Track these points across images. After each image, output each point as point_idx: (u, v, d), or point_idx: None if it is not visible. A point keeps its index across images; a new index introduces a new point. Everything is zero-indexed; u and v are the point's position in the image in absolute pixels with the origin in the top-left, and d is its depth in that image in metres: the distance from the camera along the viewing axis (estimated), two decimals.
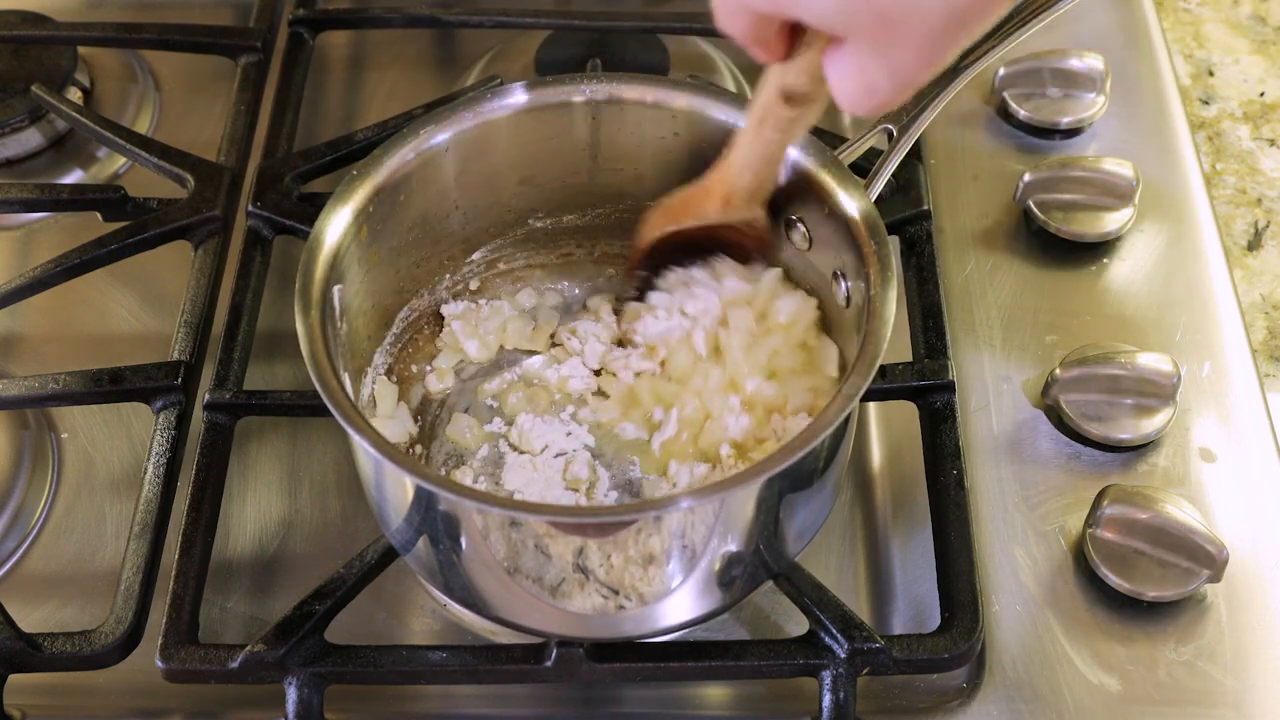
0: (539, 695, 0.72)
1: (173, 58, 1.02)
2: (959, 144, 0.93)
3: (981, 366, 0.83)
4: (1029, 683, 0.71)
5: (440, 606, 0.75)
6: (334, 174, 0.88)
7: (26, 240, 0.94)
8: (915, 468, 0.76)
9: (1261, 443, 0.79)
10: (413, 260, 0.75)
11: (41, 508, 0.80)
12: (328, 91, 1.02)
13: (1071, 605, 0.73)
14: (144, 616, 0.70)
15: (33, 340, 0.88)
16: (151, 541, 0.72)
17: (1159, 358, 0.78)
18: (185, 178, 0.88)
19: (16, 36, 0.99)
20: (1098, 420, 0.78)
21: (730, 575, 0.66)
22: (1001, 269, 0.87)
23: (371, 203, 0.70)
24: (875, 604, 0.75)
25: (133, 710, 0.72)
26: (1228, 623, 0.72)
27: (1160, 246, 0.88)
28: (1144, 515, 0.73)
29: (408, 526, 0.66)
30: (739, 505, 0.63)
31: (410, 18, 0.99)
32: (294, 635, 0.67)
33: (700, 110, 0.72)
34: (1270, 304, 0.91)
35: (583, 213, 0.79)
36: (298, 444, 0.82)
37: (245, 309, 0.81)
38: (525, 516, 0.62)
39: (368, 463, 0.67)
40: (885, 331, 0.62)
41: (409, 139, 0.71)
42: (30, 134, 0.97)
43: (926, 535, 0.74)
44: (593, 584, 0.63)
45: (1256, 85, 1.03)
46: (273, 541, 0.78)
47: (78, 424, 0.83)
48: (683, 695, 0.72)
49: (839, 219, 0.68)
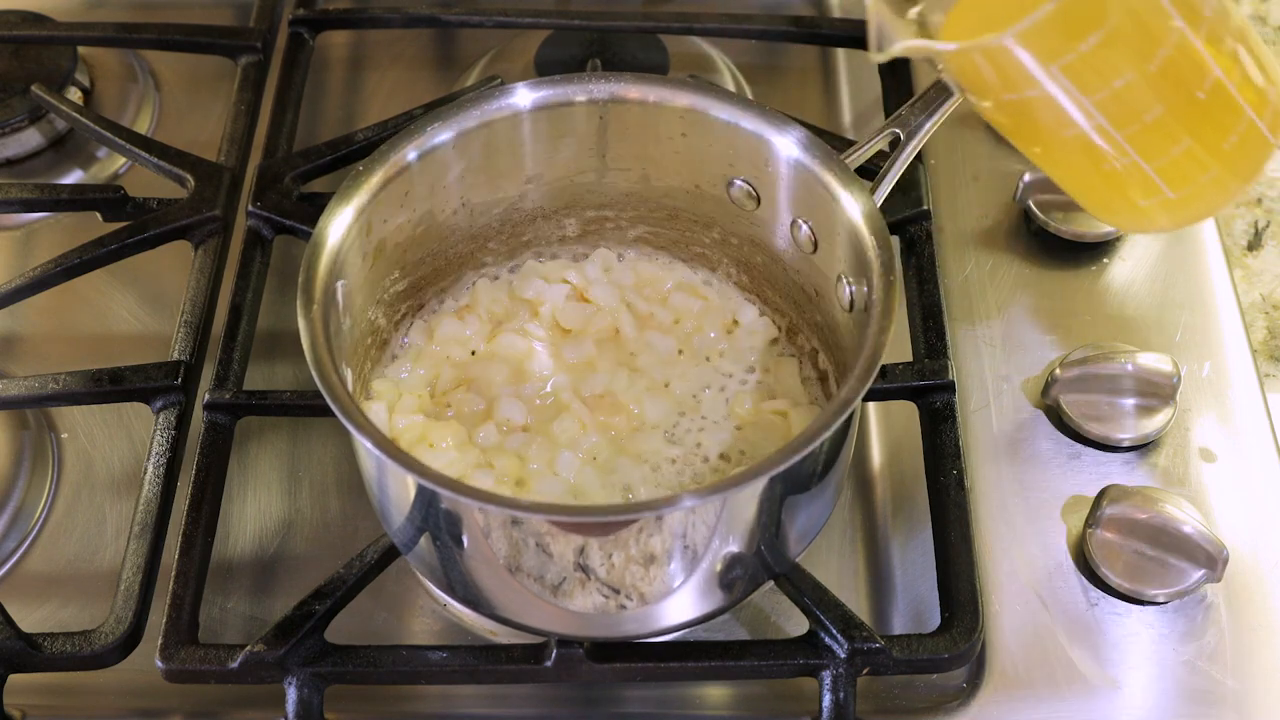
0: (539, 695, 0.72)
1: (173, 58, 1.02)
2: (959, 144, 0.93)
3: (981, 366, 0.83)
4: (1029, 683, 0.71)
5: (440, 606, 0.75)
6: (334, 174, 0.88)
7: (26, 240, 0.94)
8: (915, 468, 0.76)
9: (1261, 443, 0.79)
10: (417, 258, 0.75)
11: (41, 508, 0.80)
12: (328, 91, 1.02)
13: (1071, 605, 0.73)
14: (144, 616, 0.70)
15: (33, 340, 0.88)
16: (151, 541, 0.72)
17: (1159, 358, 0.78)
18: (185, 178, 0.88)
19: (16, 36, 0.99)
20: (1098, 420, 0.78)
21: (731, 576, 0.66)
22: (1001, 269, 0.87)
23: (375, 200, 0.70)
24: (875, 604, 0.75)
25: (133, 710, 0.72)
26: (1228, 623, 0.72)
27: (1160, 246, 0.88)
28: (1144, 515, 0.73)
29: (409, 525, 0.66)
30: (740, 506, 0.63)
31: (410, 18, 0.99)
32: (294, 635, 0.67)
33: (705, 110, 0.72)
34: (1270, 304, 0.91)
35: (591, 212, 0.79)
36: (298, 444, 0.82)
37: (245, 309, 0.81)
38: (526, 515, 0.62)
39: (369, 461, 0.67)
40: (887, 336, 0.62)
41: (414, 136, 0.71)
42: (30, 134, 0.97)
43: (926, 535, 0.74)
44: (594, 583, 0.63)
45: None
46: (273, 541, 0.78)
47: (78, 424, 0.83)
48: (683, 695, 0.72)
49: (844, 222, 0.68)
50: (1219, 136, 0.64)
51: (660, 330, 0.77)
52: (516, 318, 0.77)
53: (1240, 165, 0.66)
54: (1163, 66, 0.61)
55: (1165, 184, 0.66)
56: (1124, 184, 0.67)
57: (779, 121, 0.71)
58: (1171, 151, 0.65)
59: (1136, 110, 0.63)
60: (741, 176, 0.74)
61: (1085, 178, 0.70)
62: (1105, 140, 0.64)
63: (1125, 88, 0.62)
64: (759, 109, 0.71)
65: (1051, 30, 0.59)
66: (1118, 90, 0.62)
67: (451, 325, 0.77)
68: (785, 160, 0.71)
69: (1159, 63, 0.61)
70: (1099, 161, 0.65)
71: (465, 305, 0.78)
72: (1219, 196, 0.68)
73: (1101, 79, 0.61)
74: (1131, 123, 0.63)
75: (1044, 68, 0.61)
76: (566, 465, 0.70)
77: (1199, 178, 0.67)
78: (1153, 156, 0.65)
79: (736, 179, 0.74)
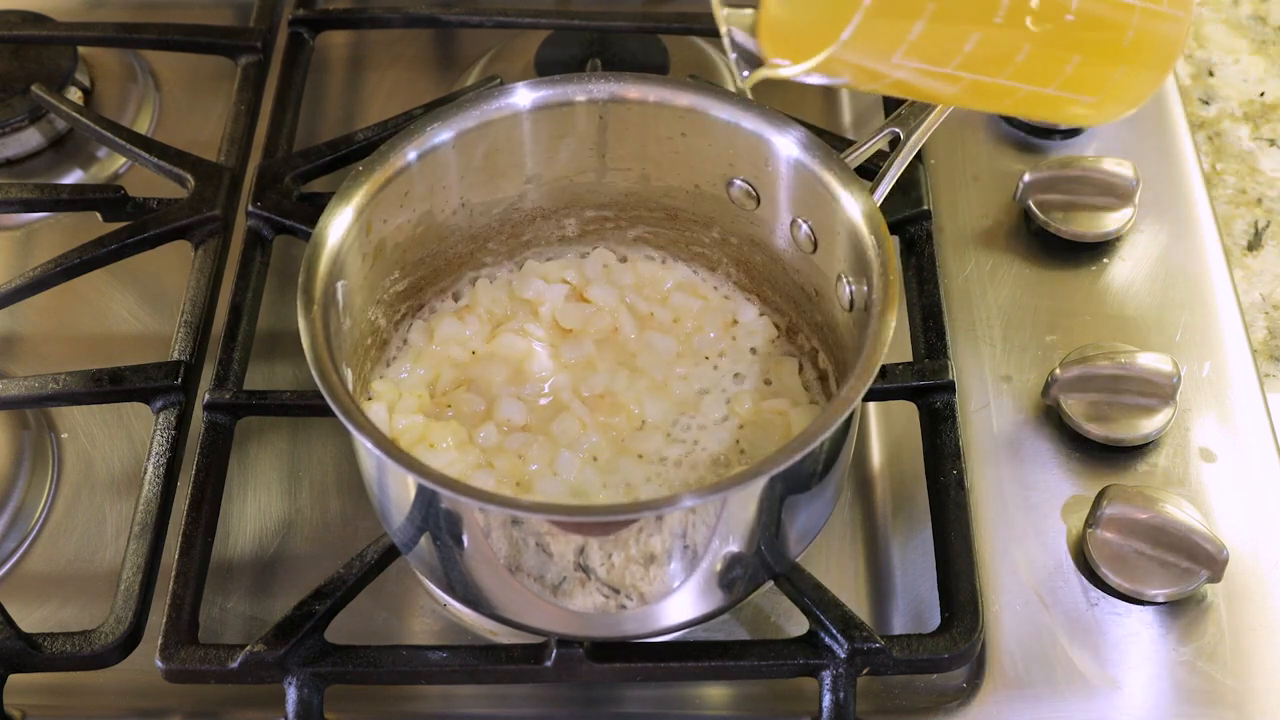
0: (539, 695, 0.72)
1: (173, 58, 1.02)
2: (959, 144, 0.93)
3: (981, 366, 0.83)
4: (1029, 683, 0.71)
5: (440, 606, 0.75)
6: (334, 174, 0.88)
7: (26, 240, 0.94)
8: (915, 468, 0.76)
9: (1261, 443, 0.79)
10: (417, 258, 0.75)
11: (41, 508, 0.80)
12: (328, 91, 1.02)
13: (1071, 605, 0.73)
14: (144, 616, 0.70)
15: (33, 340, 0.88)
16: (151, 541, 0.72)
17: (1159, 358, 0.78)
18: (185, 178, 0.88)
19: (16, 36, 0.99)
20: (1098, 420, 0.78)
21: (731, 576, 0.66)
22: (1001, 269, 0.87)
23: (375, 200, 0.70)
24: (875, 604, 0.75)
25: (133, 710, 0.72)
26: (1228, 623, 0.72)
27: (1160, 246, 0.88)
28: (1144, 515, 0.73)
29: (410, 524, 0.66)
30: (740, 506, 0.63)
31: (410, 18, 1.00)
32: (294, 635, 0.67)
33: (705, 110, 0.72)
34: (1270, 304, 0.91)
35: (591, 211, 0.79)
36: (298, 444, 0.82)
37: (245, 309, 0.81)
38: (527, 515, 0.62)
39: (369, 461, 0.67)
40: (886, 336, 0.62)
41: (414, 136, 0.71)
42: (30, 134, 0.97)
43: (926, 535, 0.74)
44: (594, 583, 0.63)
45: (1256, 85, 1.03)
46: (273, 541, 0.78)
47: (78, 424, 0.83)
48: (683, 695, 0.72)
49: (844, 222, 0.68)
50: (1114, 38, 0.59)
51: (660, 330, 0.77)
52: (516, 318, 0.77)
53: (1152, 52, 0.61)
54: (1009, 13, 0.55)
55: (1077, 94, 0.61)
56: (1040, 103, 0.61)
57: (779, 121, 0.71)
58: (1064, 71, 0.60)
59: (1004, 57, 0.57)
60: (741, 176, 0.74)
61: (1006, 105, 0.65)
62: (990, 85, 0.59)
63: (980, 45, 0.56)
64: (759, 109, 0.71)
65: (873, 31, 0.55)
66: (973, 52, 0.56)
67: (451, 325, 0.77)
68: (785, 160, 0.71)
69: (1004, 12, 0.56)
70: (1002, 95, 0.60)
71: (465, 305, 0.78)
72: (1146, 82, 0.63)
73: (950, 49, 0.56)
74: (1004, 67, 0.58)
75: (885, 62, 0.56)
76: (566, 465, 0.70)
77: (1111, 78, 0.62)
78: (1046, 81, 0.60)
79: (736, 179, 0.74)
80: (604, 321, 0.77)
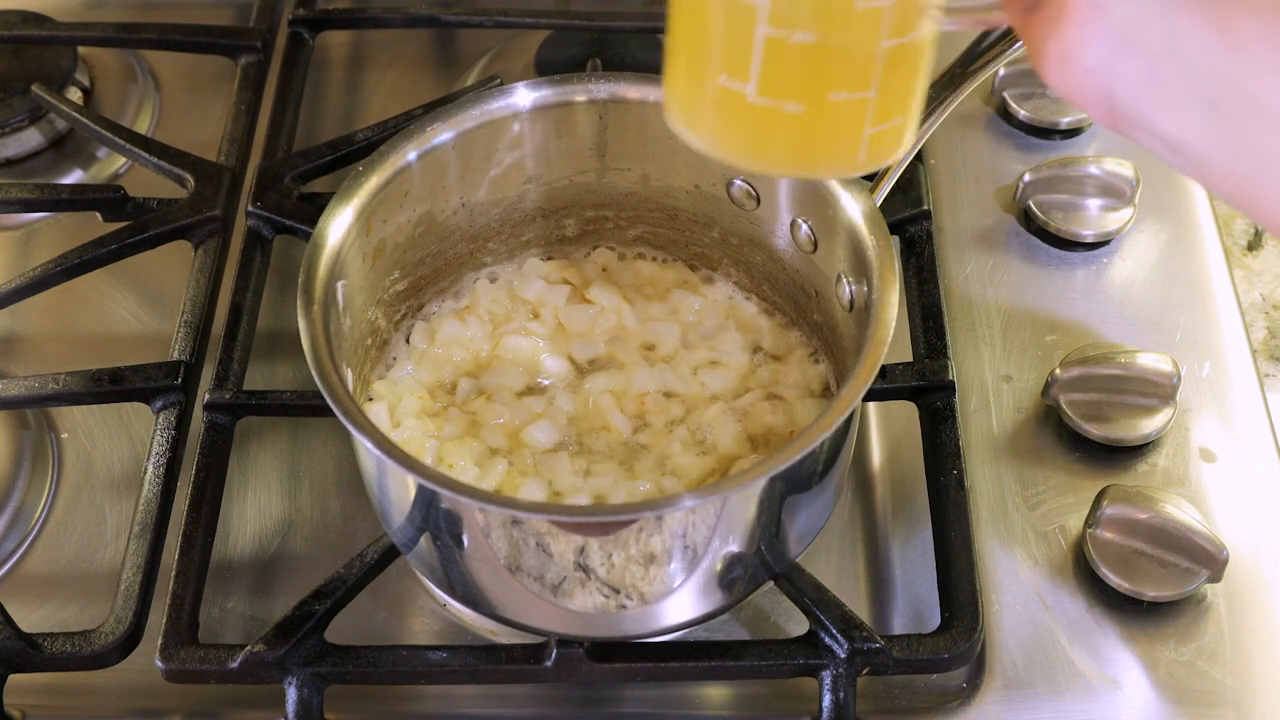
0: (539, 695, 0.72)
1: (173, 58, 1.02)
2: (959, 144, 0.93)
3: (981, 366, 0.83)
4: (1029, 683, 0.71)
5: (440, 606, 0.75)
6: (334, 174, 0.88)
7: (26, 240, 0.94)
8: (915, 468, 0.76)
9: (1261, 443, 0.79)
10: (417, 258, 0.75)
11: (41, 508, 0.80)
12: (328, 91, 1.02)
13: (1071, 605, 0.73)
14: (144, 616, 0.70)
15: (33, 340, 0.88)
16: (151, 541, 0.72)
17: (1159, 358, 0.78)
18: (185, 178, 0.88)
19: (16, 36, 0.99)
20: (1098, 420, 0.78)
21: (731, 576, 0.66)
22: (1001, 269, 0.87)
23: (375, 201, 0.70)
24: (875, 604, 0.75)
25: (133, 710, 0.72)
26: (1228, 623, 0.72)
27: (1160, 246, 0.88)
28: (1144, 515, 0.73)
29: (409, 525, 0.66)
30: (740, 506, 0.63)
31: (410, 18, 1.00)
32: (294, 635, 0.67)
33: None
34: (1270, 304, 0.91)
35: (591, 211, 0.79)
36: (298, 444, 0.82)
37: (245, 309, 0.81)
38: (526, 515, 0.62)
39: (369, 461, 0.67)
40: (886, 336, 0.62)
41: (414, 136, 0.71)
42: (30, 134, 0.97)
43: (926, 535, 0.74)
44: (594, 583, 0.63)
45: None
46: (273, 541, 0.78)
47: (78, 424, 0.83)
48: (683, 695, 0.72)
49: (844, 222, 0.68)
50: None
51: (660, 330, 0.77)
52: (516, 318, 0.77)
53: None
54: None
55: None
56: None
57: None
58: None
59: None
60: (741, 176, 0.74)
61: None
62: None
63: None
64: None
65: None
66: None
67: (452, 326, 0.77)
68: None
69: None
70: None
71: (465, 306, 0.78)
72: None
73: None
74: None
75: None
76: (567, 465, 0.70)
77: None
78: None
79: (736, 178, 0.74)
80: (604, 321, 0.77)
